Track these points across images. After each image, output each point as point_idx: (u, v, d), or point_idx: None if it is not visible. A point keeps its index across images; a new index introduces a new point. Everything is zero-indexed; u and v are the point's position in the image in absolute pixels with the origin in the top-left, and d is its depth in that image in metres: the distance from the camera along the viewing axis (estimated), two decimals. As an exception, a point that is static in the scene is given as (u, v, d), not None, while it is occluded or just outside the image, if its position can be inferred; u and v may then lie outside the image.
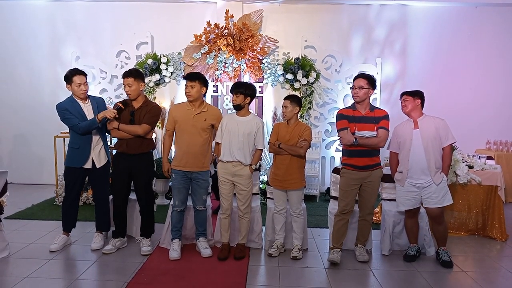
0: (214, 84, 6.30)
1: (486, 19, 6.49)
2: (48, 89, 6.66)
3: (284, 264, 3.68)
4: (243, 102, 3.68)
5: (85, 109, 3.83)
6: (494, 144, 6.32)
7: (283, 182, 3.78)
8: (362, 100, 3.60)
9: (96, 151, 3.86)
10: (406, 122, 3.74)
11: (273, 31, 6.38)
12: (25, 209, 5.29)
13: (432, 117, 3.69)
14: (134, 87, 3.72)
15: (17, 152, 6.82)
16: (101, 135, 3.90)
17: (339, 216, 3.72)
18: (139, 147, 3.77)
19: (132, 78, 3.71)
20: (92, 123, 3.73)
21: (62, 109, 3.77)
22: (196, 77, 3.67)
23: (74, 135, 3.82)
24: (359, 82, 3.60)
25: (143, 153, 3.82)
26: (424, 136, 3.60)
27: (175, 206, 3.77)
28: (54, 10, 6.62)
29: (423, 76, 6.48)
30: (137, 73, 3.79)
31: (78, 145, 3.80)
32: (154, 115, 3.82)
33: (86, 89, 3.82)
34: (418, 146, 3.60)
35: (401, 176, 3.72)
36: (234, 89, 3.70)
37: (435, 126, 3.61)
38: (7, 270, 3.47)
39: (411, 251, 3.82)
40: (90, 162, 3.85)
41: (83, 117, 3.79)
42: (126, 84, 3.72)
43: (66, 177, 3.92)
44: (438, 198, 3.62)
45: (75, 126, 3.74)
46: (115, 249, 3.88)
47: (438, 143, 3.61)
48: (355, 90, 3.60)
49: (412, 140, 3.62)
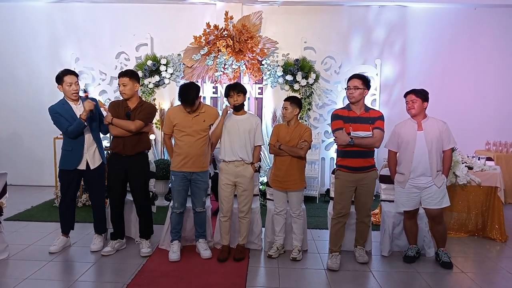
0: (213, 85, 6.31)
1: (485, 21, 6.50)
2: (47, 90, 6.63)
3: (283, 265, 3.68)
4: (243, 101, 3.71)
5: (77, 110, 3.80)
6: (494, 145, 6.32)
7: (283, 183, 3.78)
8: (357, 101, 3.59)
9: (91, 152, 3.85)
10: (409, 123, 3.72)
11: (272, 32, 6.38)
12: (24, 211, 5.29)
13: (435, 119, 3.68)
14: (129, 86, 3.72)
15: (16, 154, 6.81)
16: (95, 137, 3.88)
17: (335, 219, 3.71)
18: (134, 147, 3.77)
19: (127, 78, 3.72)
20: (79, 124, 3.70)
21: (53, 112, 3.76)
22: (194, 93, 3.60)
23: (66, 137, 3.82)
24: (354, 83, 3.58)
25: (138, 153, 3.82)
26: (428, 138, 3.58)
27: (174, 208, 3.77)
28: (53, 11, 6.62)
29: (423, 77, 6.47)
30: (132, 73, 3.80)
31: (71, 147, 3.79)
32: (147, 112, 3.82)
33: (77, 89, 3.80)
34: (422, 148, 3.58)
35: (403, 178, 3.70)
36: (233, 89, 3.68)
37: (438, 128, 3.61)
38: (7, 271, 3.47)
39: (411, 252, 3.82)
40: (84, 163, 3.83)
41: (74, 119, 3.76)
42: (121, 83, 3.73)
43: (60, 180, 3.91)
44: (438, 199, 3.62)
45: (65, 131, 3.73)
46: (114, 251, 3.88)
47: (440, 145, 3.61)
48: (350, 91, 3.58)
49: (416, 142, 3.60)
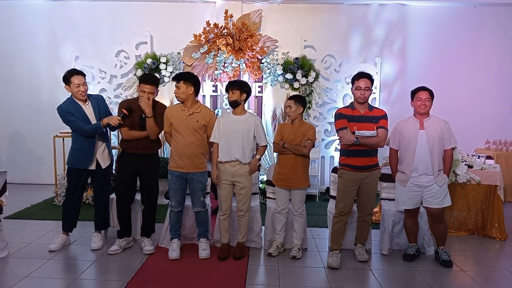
0: (213, 84, 6.30)
1: (485, 19, 6.49)
2: (47, 88, 6.65)
3: (283, 264, 3.68)
4: (239, 98, 3.67)
5: (86, 110, 3.80)
6: (494, 143, 6.32)
7: (288, 182, 3.77)
8: (366, 101, 3.59)
9: (100, 152, 3.86)
10: (410, 121, 3.69)
11: (272, 30, 6.37)
12: (24, 209, 5.28)
13: (437, 118, 3.66)
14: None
15: (16, 152, 6.81)
16: (104, 135, 3.89)
17: (337, 217, 3.71)
18: (148, 147, 3.78)
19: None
20: (97, 127, 3.72)
21: (64, 111, 3.74)
22: (181, 77, 3.63)
23: (78, 136, 3.79)
24: (367, 83, 3.54)
25: (152, 153, 3.84)
26: (430, 137, 3.56)
27: (173, 207, 3.77)
28: (53, 9, 6.60)
29: (422, 75, 6.46)
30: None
31: (82, 147, 3.78)
32: (163, 117, 3.76)
33: (85, 90, 3.77)
34: (424, 147, 3.56)
35: (405, 177, 3.68)
36: (229, 86, 3.71)
37: (440, 128, 3.59)
38: (7, 270, 3.47)
39: (411, 250, 3.82)
40: (95, 163, 3.84)
41: (85, 118, 3.76)
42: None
43: (69, 178, 3.89)
44: (439, 199, 3.61)
45: (80, 129, 3.71)
46: (121, 250, 3.87)
47: (441, 144, 3.59)
48: (362, 91, 3.53)
49: (418, 141, 3.58)
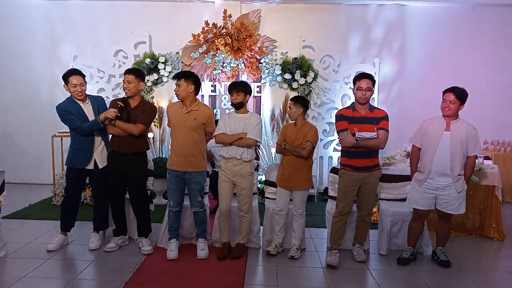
0: (212, 84, 6.30)
1: (483, 20, 6.49)
2: (45, 88, 6.64)
3: (282, 264, 3.68)
4: (244, 100, 3.70)
5: (85, 109, 3.80)
6: (492, 144, 6.33)
7: (289, 182, 3.77)
8: (367, 101, 3.58)
9: (98, 152, 3.85)
10: (437, 120, 3.59)
11: (271, 30, 6.37)
12: (22, 209, 5.27)
13: (465, 122, 3.54)
14: (133, 84, 3.72)
15: (14, 152, 6.78)
16: (102, 135, 3.88)
17: (337, 217, 3.70)
18: (132, 146, 3.75)
19: (133, 75, 3.73)
20: (95, 124, 3.71)
21: (62, 110, 3.74)
22: (182, 75, 3.66)
23: (76, 136, 3.79)
24: (368, 84, 3.51)
25: (137, 153, 3.81)
26: (453, 140, 3.45)
27: (171, 207, 3.76)
28: (51, 8, 6.58)
29: (421, 76, 6.49)
30: (138, 71, 3.84)
31: (80, 146, 3.78)
32: (149, 115, 3.82)
33: (82, 90, 3.77)
34: (445, 149, 3.45)
35: (422, 177, 3.58)
36: (234, 88, 3.70)
37: (466, 132, 3.47)
38: (5, 270, 3.46)
39: (406, 254, 3.75)
40: (93, 163, 3.83)
41: (84, 118, 3.76)
42: (126, 80, 3.73)
43: (68, 177, 3.90)
44: (456, 205, 3.54)
45: (78, 127, 3.71)
46: (117, 247, 3.89)
47: (464, 149, 3.47)
48: (363, 92, 3.51)
49: (440, 142, 3.48)
